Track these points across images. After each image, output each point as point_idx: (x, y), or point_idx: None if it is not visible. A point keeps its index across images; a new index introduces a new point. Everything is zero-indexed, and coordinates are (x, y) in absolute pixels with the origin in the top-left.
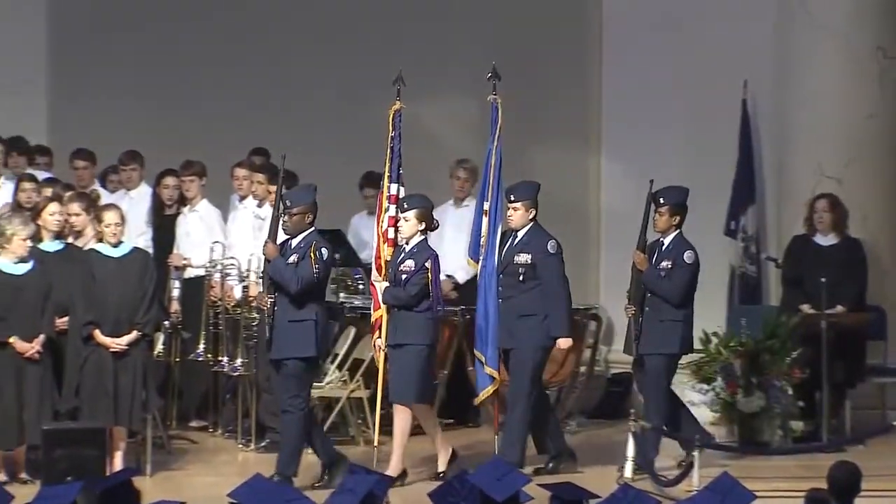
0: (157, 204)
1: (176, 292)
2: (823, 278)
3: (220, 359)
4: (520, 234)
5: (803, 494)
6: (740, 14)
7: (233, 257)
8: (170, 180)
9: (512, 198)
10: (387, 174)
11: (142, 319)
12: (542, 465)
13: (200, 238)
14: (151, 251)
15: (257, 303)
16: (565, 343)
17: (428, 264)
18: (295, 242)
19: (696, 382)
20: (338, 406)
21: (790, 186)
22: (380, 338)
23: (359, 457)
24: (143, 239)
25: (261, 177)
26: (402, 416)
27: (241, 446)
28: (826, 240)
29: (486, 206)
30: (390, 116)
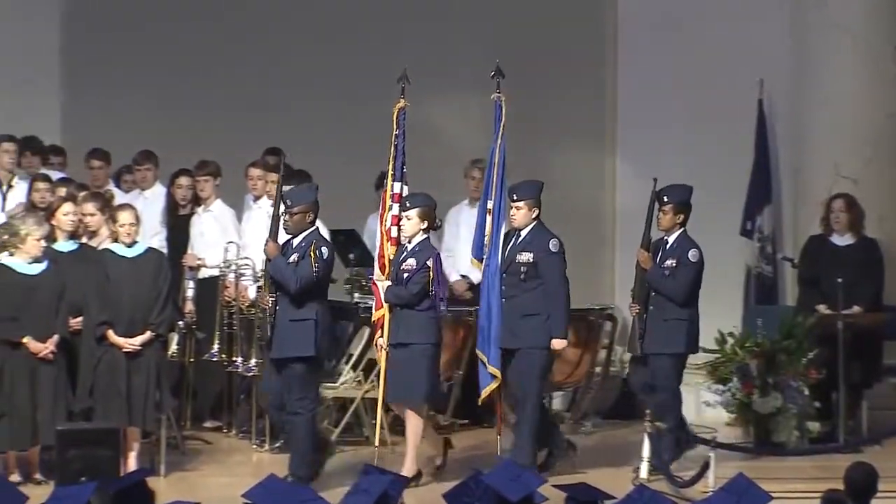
0: (171, 204)
1: (190, 292)
2: (840, 278)
3: (234, 359)
4: (522, 233)
5: (820, 495)
6: (756, 14)
7: (247, 257)
8: (183, 180)
9: (515, 197)
10: (391, 173)
11: (156, 320)
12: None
13: (215, 238)
14: (166, 251)
15: (259, 302)
16: (559, 344)
17: (430, 263)
18: (296, 242)
19: (711, 383)
20: (352, 406)
21: (806, 186)
22: (381, 336)
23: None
24: (158, 239)
25: (275, 176)
26: (415, 417)
27: (255, 447)
28: (842, 240)
29: (489, 205)
30: (394, 115)
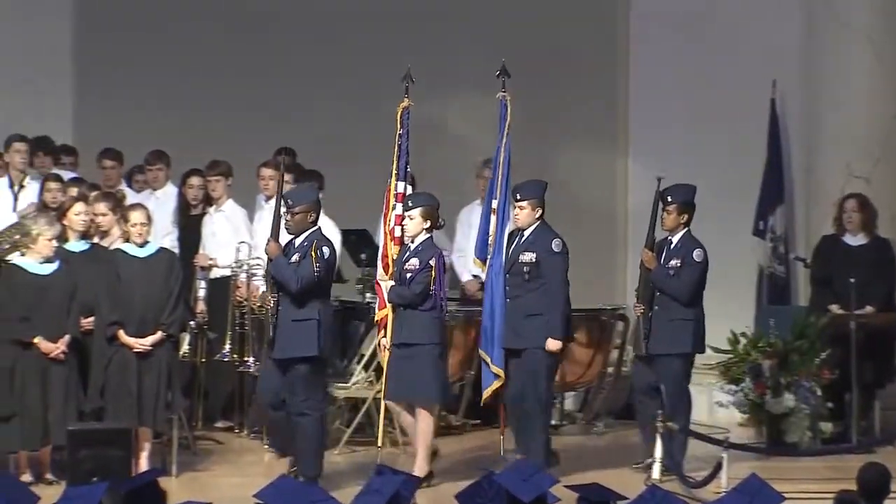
0: (182, 204)
1: (202, 292)
2: (852, 278)
3: (245, 359)
4: (526, 232)
5: (832, 496)
6: (768, 14)
7: (259, 257)
8: (195, 180)
9: (518, 196)
10: (394, 172)
11: (167, 320)
12: None
13: (226, 238)
14: (177, 251)
15: (261, 302)
16: (553, 345)
17: (432, 262)
18: (298, 241)
19: (724, 383)
20: (364, 407)
21: (819, 186)
22: (385, 337)
23: (384, 458)
24: (169, 239)
25: (287, 177)
26: (426, 417)
27: (266, 447)
28: (855, 240)
29: (494, 204)
30: (398, 114)
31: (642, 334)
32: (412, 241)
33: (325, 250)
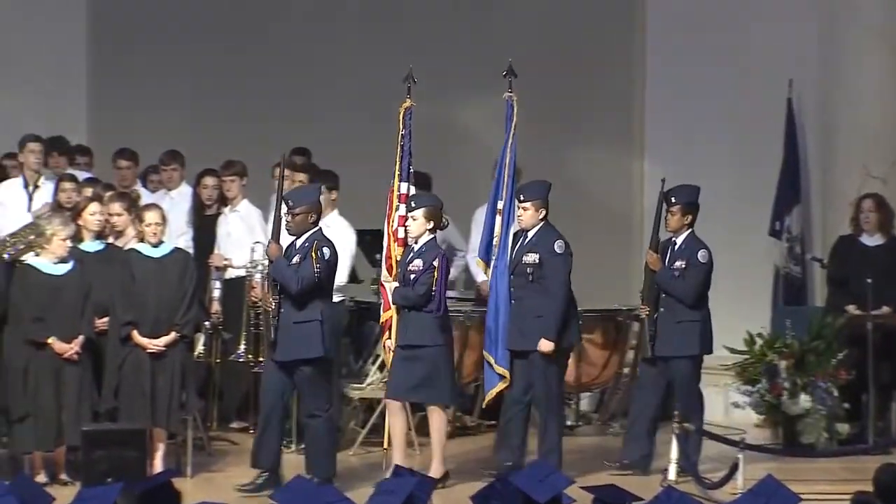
0: (197, 204)
1: (217, 293)
2: (869, 279)
3: (260, 359)
4: (529, 234)
5: (849, 497)
6: (785, 14)
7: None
8: (209, 180)
9: (522, 198)
10: (397, 173)
11: (181, 320)
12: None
13: (241, 238)
14: (192, 251)
15: (263, 304)
16: (545, 346)
17: (436, 263)
18: (299, 243)
19: (740, 384)
20: (379, 407)
21: (835, 186)
22: (389, 338)
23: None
24: (184, 239)
25: (302, 177)
26: (439, 418)
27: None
28: (872, 240)
29: (499, 205)
30: (401, 115)
31: (648, 336)
32: (415, 242)
33: (326, 251)
